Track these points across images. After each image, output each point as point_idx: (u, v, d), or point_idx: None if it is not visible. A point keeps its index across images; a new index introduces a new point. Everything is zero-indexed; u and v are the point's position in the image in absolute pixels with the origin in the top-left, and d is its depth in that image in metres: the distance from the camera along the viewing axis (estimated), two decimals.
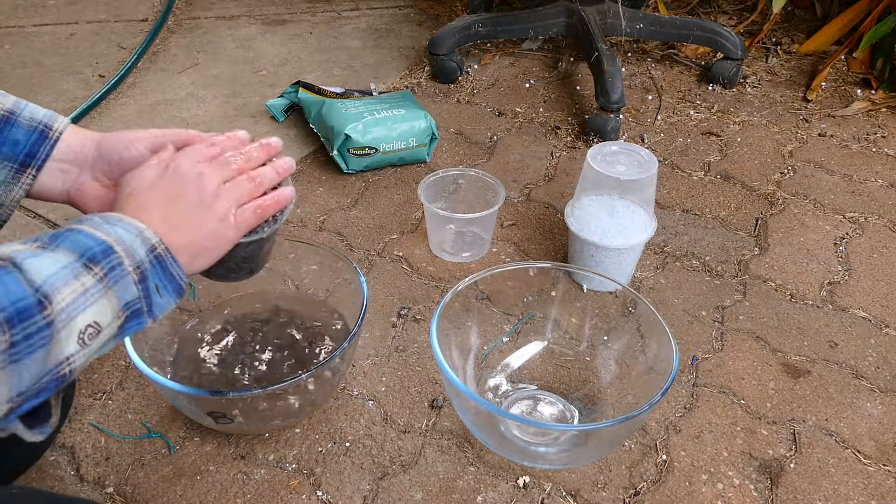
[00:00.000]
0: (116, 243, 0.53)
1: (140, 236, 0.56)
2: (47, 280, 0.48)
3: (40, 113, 0.64)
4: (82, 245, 0.52)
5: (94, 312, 0.51)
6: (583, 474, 0.83)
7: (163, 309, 0.57)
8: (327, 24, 1.88)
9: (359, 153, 1.27)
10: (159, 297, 0.57)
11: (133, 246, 0.54)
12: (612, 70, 1.37)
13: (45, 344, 0.47)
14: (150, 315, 0.56)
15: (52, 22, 1.82)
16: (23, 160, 0.63)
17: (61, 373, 0.50)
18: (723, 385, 0.94)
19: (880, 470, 0.84)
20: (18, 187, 0.64)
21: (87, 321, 0.50)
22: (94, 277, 0.51)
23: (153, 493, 0.80)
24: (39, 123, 0.64)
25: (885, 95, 1.57)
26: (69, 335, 0.49)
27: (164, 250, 0.57)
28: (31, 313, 0.46)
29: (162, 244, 0.57)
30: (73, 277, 0.50)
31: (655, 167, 1.01)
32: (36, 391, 0.48)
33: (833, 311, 1.06)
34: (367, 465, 0.84)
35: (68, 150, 0.65)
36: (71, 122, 0.67)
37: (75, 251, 0.51)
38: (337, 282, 0.93)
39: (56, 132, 0.64)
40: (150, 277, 0.56)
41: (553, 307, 0.95)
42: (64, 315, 0.49)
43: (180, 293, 0.59)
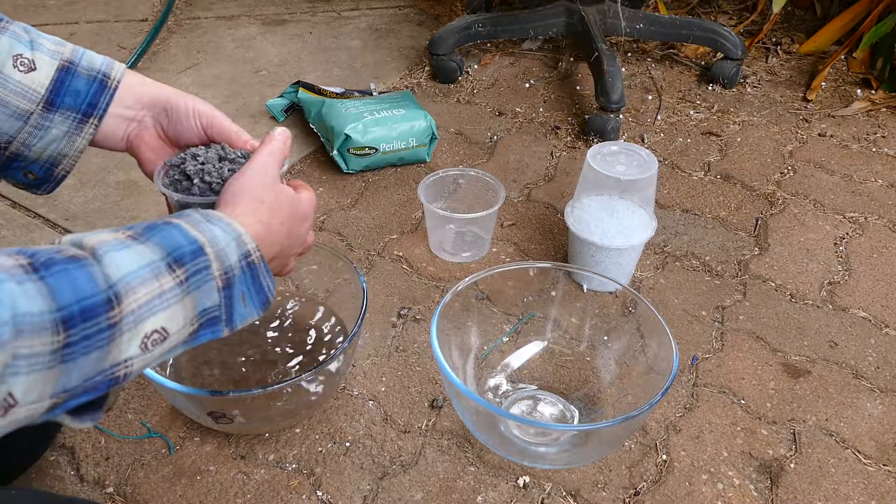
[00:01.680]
0: (209, 244, 0.52)
1: (237, 240, 0.54)
2: (124, 277, 0.47)
3: (98, 60, 0.64)
4: (173, 242, 0.50)
5: (165, 317, 0.49)
6: (583, 474, 0.83)
7: (244, 319, 0.56)
8: (327, 24, 1.87)
9: (359, 153, 1.27)
10: (243, 307, 0.55)
11: (227, 249, 0.53)
12: (612, 70, 1.37)
13: (104, 346, 0.46)
14: (228, 324, 0.54)
15: (52, 22, 1.82)
16: (85, 110, 0.63)
17: (115, 374, 0.47)
18: (723, 385, 0.94)
19: (880, 470, 0.84)
20: (82, 137, 0.64)
21: (155, 326, 0.48)
22: (174, 280, 0.49)
23: (153, 493, 0.80)
24: (98, 72, 0.64)
25: (885, 95, 1.57)
26: (132, 338, 0.47)
27: (259, 258, 0.56)
28: (97, 313, 0.45)
29: (258, 251, 0.56)
30: (152, 277, 0.48)
31: (655, 167, 1.01)
32: (84, 389, 0.46)
33: (833, 311, 1.06)
34: (367, 465, 0.84)
35: (138, 99, 0.65)
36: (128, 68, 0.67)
37: (164, 247, 0.50)
38: (337, 282, 0.93)
39: (115, 80, 0.64)
40: (238, 284, 0.54)
41: (553, 307, 0.95)
42: (132, 317, 0.47)
43: (266, 305, 0.57)
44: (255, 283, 0.56)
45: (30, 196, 1.23)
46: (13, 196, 1.23)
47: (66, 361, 0.44)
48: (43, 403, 0.44)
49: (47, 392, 0.44)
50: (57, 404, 0.45)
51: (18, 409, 0.42)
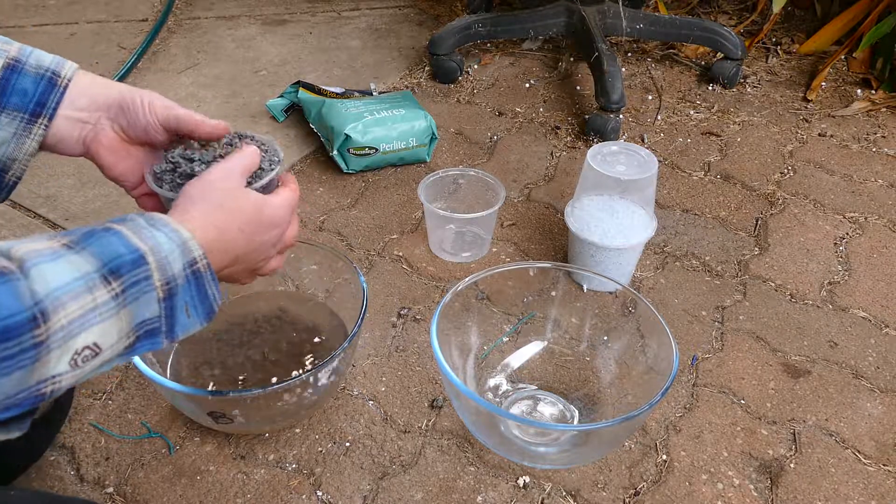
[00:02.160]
0: (151, 252, 0.49)
1: (182, 247, 0.52)
2: (53, 292, 0.44)
3: (47, 59, 0.61)
4: (111, 251, 0.48)
5: (97, 332, 0.46)
6: (583, 474, 0.83)
7: (186, 330, 0.53)
8: (327, 24, 1.88)
9: (359, 153, 1.27)
10: (186, 317, 0.53)
11: (170, 258, 0.51)
12: (612, 70, 1.37)
13: (27, 365, 0.43)
14: (168, 335, 0.52)
15: (52, 22, 1.82)
16: (33, 110, 0.60)
17: (42, 391, 0.45)
18: (723, 385, 0.94)
19: (880, 470, 0.84)
20: (31, 139, 0.61)
21: (87, 342, 0.46)
22: (109, 293, 0.47)
23: (153, 493, 0.80)
24: (47, 70, 0.61)
25: (885, 95, 1.57)
26: (62, 355, 0.45)
27: (205, 266, 0.53)
28: (20, 332, 0.42)
29: (204, 259, 0.53)
30: (85, 290, 0.45)
31: (655, 167, 1.01)
32: (5, 406, 0.44)
33: (833, 311, 1.06)
34: (367, 465, 0.84)
35: (91, 99, 0.62)
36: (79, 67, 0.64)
37: (101, 257, 0.47)
38: (337, 282, 0.93)
39: (65, 79, 0.61)
40: (181, 294, 0.52)
41: (553, 307, 0.95)
42: (61, 334, 0.44)
43: (210, 315, 0.55)
44: (200, 293, 0.53)
45: (30, 196, 1.23)
46: (13, 196, 1.23)
47: None
48: None
49: None
50: None
51: None
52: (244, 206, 0.59)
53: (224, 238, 0.57)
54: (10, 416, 0.45)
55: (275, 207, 0.62)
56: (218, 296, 0.55)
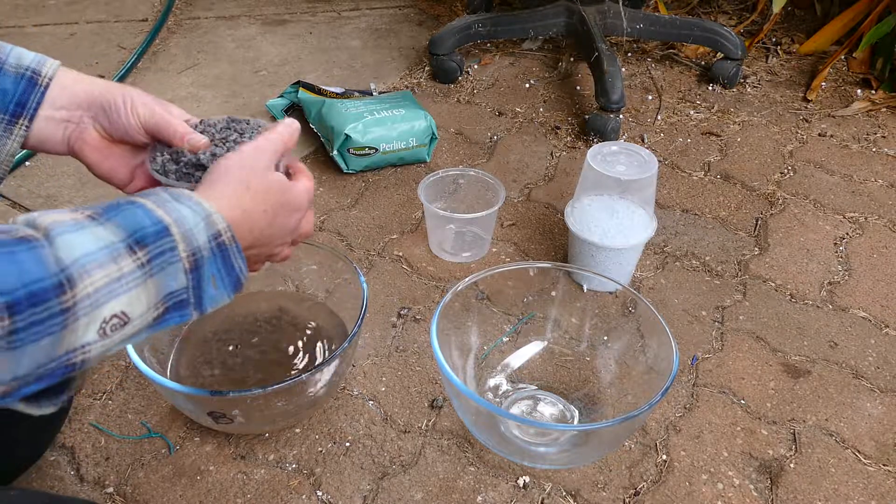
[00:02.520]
0: (175, 224, 0.49)
1: (206, 220, 0.51)
2: (78, 260, 0.44)
3: (28, 57, 0.60)
4: (135, 223, 0.48)
5: (125, 301, 0.46)
6: (583, 474, 0.83)
7: (214, 302, 0.53)
8: (327, 24, 1.88)
9: (359, 153, 1.27)
10: (213, 289, 0.52)
11: (194, 230, 0.50)
12: (612, 70, 1.37)
13: (57, 331, 0.43)
14: (197, 307, 0.52)
15: (52, 22, 1.82)
16: (13, 110, 0.59)
17: (72, 361, 0.45)
18: (723, 385, 0.94)
19: (880, 470, 0.84)
20: (12, 140, 0.60)
21: (114, 310, 0.46)
22: (135, 262, 0.47)
23: (153, 493, 0.80)
24: (27, 69, 0.60)
25: (885, 95, 1.57)
26: (89, 323, 0.45)
27: (230, 238, 0.53)
28: (46, 297, 0.42)
29: (229, 231, 0.53)
30: (110, 260, 0.45)
31: (655, 167, 1.01)
32: (37, 377, 0.44)
33: (833, 311, 1.06)
34: (367, 465, 0.84)
35: (72, 97, 0.61)
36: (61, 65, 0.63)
37: (126, 228, 0.47)
38: (337, 282, 0.93)
39: (45, 78, 0.60)
40: (207, 266, 0.51)
41: (553, 307, 0.95)
42: (88, 301, 0.44)
43: (237, 287, 0.55)
44: (227, 265, 0.53)
45: (30, 196, 1.23)
46: (13, 196, 1.23)
47: (13, 349, 0.42)
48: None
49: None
50: (7, 392, 0.43)
51: None
52: (271, 188, 0.58)
53: (249, 218, 0.57)
54: (42, 387, 0.45)
55: (298, 192, 0.62)
56: (244, 268, 0.55)
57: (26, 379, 0.44)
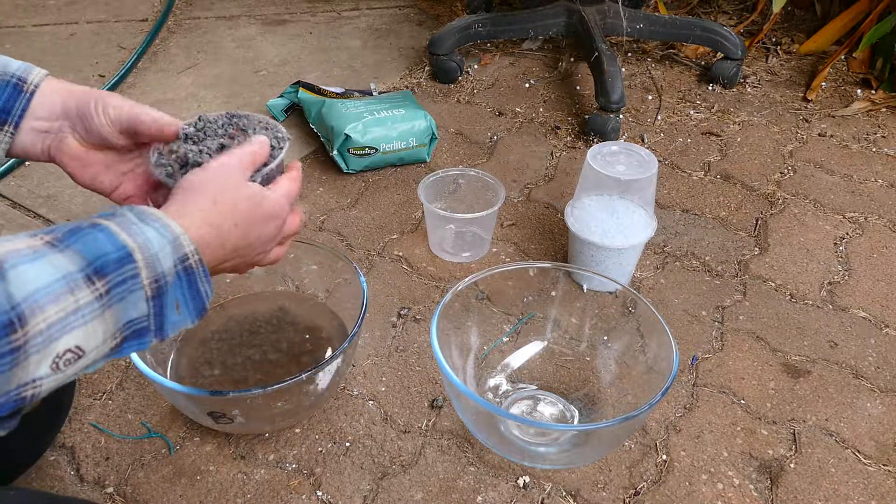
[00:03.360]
0: (139, 249, 0.48)
1: (173, 243, 0.50)
2: (31, 295, 0.42)
3: (14, 65, 0.60)
4: (97, 249, 0.46)
5: (80, 336, 0.45)
6: (583, 474, 0.83)
7: (176, 327, 0.52)
8: (327, 24, 1.88)
9: (359, 153, 1.27)
10: (176, 314, 0.51)
11: (160, 254, 0.49)
12: (612, 70, 1.37)
13: (6, 370, 0.42)
14: (158, 334, 0.51)
15: (52, 22, 1.82)
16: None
17: (21, 395, 0.44)
18: (723, 385, 0.94)
19: (880, 470, 0.84)
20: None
21: (68, 345, 0.44)
22: (92, 294, 0.45)
23: (153, 493, 0.80)
24: (13, 77, 0.59)
25: (885, 95, 1.57)
26: (42, 359, 0.43)
27: (198, 261, 0.52)
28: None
29: (196, 255, 0.52)
30: (66, 291, 0.44)
31: (655, 167, 1.01)
32: None
33: (833, 311, 1.06)
34: (367, 465, 0.84)
35: (48, 109, 0.61)
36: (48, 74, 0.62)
37: (85, 256, 0.46)
38: (337, 282, 0.93)
39: (31, 85, 0.60)
40: (171, 291, 0.50)
41: (553, 307, 0.95)
42: (40, 339, 0.43)
43: (201, 313, 0.54)
44: (192, 289, 0.52)
45: (30, 196, 1.23)
46: (13, 196, 1.23)
47: None
48: None
49: None
50: None
51: None
52: (239, 202, 0.57)
53: (219, 234, 0.55)
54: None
55: (272, 201, 0.60)
56: (210, 293, 0.54)
57: None
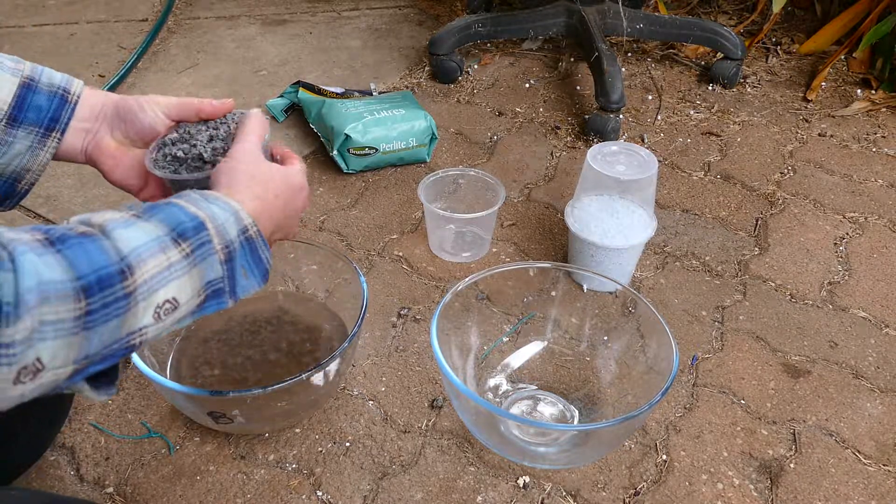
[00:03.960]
0: (209, 220, 0.54)
1: (235, 216, 0.56)
2: (134, 250, 0.49)
3: (57, 77, 0.66)
4: (175, 219, 0.53)
5: (175, 288, 0.51)
6: (583, 474, 0.83)
7: (246, 290, 0.58)
8: (327, 24, 1.88)
9: (359, 153, 1.27)
10: (244, 279, 0.57)
11: (226, 225, 0.55)
12: (612, 70, 1.37)
13: (122, 314, 0.48)
14: (232, 295, 0.57)
15: (52, 22, 1.82)
16: (48, 125, 0.65)
17: (131, 342, 0.50)
18: (723, 385, 0.94)
19: (880, 470, 0.84)
20: (45, 151, 0.66)
21: (167, 296, 0.51)
22: (180, 253, 0.52)
23: (153, 493, 0.80)
24: (59, 88, 0.65)
25: (885, 95, 1.57)
26: (147, 307, 0.50)
27: (256, 233, 0.58)
28: (112, 282, 0.47)
29: (255, 226, 0.58)
30: (159, 250, 0.50)
31: (655, 167, 1.01)
32: (102, 356, 0.48)
33: (833, 311, 1.06)
34: (367, 465, 0.84)
35: (90, 111, 0.67)
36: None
37: (168, 224, 0.52)
38: (337, 282, 0.93)
39: (75, 95, 0.66)
40: (238, 258, 0.57)
41: (553, 307, 0.95)
42: (145, 287, 0.49)
43: (265, 277, 0.60)
44: (255, 257, 0.58)
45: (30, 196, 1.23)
46: None
47: (87, 328, 0.46)
48: (66, 369, 0.46)
49: (71, 358, 0.46)
50: (78, 370, 0.47)
51: (45, 373, 0.45)
52: (274, 176, 0.64)
53: (266, 206, 0.61)
54: (105, 366, 0.50)
55: (296, 173, 0.67)
56: (270, 258, 0.60)
57: (94, 358, 0.48)
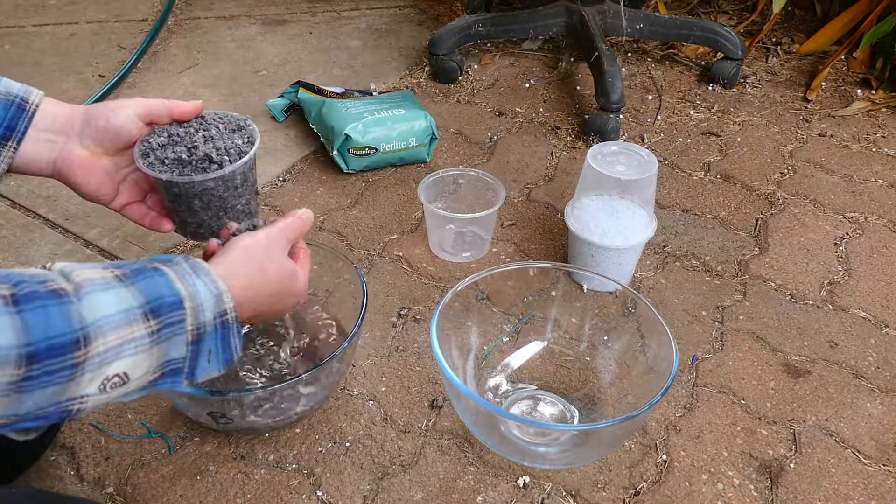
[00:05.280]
0: (189, 298, 0.54)
1: (217, 298, 0.56)
2: (98, 321, 0.48)
3: (15, 87, 0.64)
4: (156, 291, 0.52)
5: (129, 363, 0.50)
6: (583, 474, 0.83)
7: (205, 374, 0.57)
8: (327, 24, 1.88)
9: (359, 153, 1.27)
10: (207, 362, 0.57)
11: (204, 305, 0.55)
12: (612, 70, 1.37)
13: (64, 382, 0.47)
14: (189, 377, 0.56)
15: (52, 22, 1.82)
16: (3, 133, 0.63)
17: (70, 408, 0.49)
18: (723, 385, 0.94)
19: (880, 470, 0.84)
20: (0, 161, 0.64)
21: (118, 370, 0.50)
22: (146, 329, 0.51)
23: (153, 493, 0.80)
24: (15, 97, 0.64)
25: (885, 95, 1.57)
26: (94, 378, 0.48)
27: (234, 318, 0.57)
28: (63, 351, 0.46)
29: (234, 312, 0.57)
30: (125, 323, 0.49)
31: (655, 167, 1.01)
32: (35, 416, 0.48)
33: (833, 311, 1.06)
34: (367, 465, 0.84)
35: (54, 121, 0.65)
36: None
37: (147, 294, 0.51)
38: (337, 282, 0.93)
39: (33, 104, 0.64)
40: (207, 340, 0.56)
41: (553, 307, 0.95)
42: (97, 359, 0.48)
43: (229, 364, 0.59)
44: (224, 342, 0.57)
45: (30, 196, 1.23)
46: (13, 196, 1.23)
47: (21, 392, 0.45)
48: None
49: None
50: (3, 425, 0.47)
51: None
52: (283, 276, 0.64)
53: (255, 298, 0.61)
54: (36, 425, 0.49)
55: (301, 280, 0.67)
56: (239, 347, 0.59)
57: (24, 417, 0.47)
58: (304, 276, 0.68)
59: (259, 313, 0.63)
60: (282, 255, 0.65)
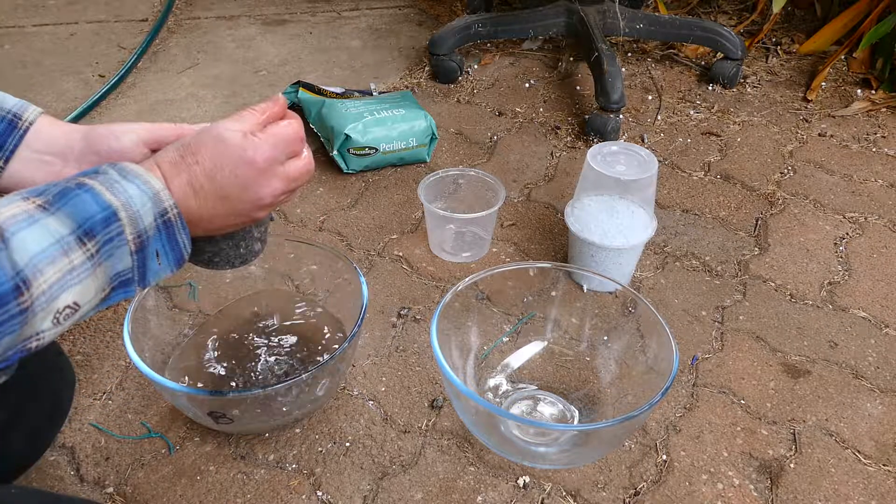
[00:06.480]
0: (123, 208, 0.50)
1: (153, 199, 0.52)
2: (31, 260, 0.46)
3: (10, 102, 0.62)
4: (84, 212, 0.49)
5: (76, 292, 0.49)
6: (583, 474, 0.83)
7: (157, 275, 0.55)
8: (327, 24, 1.88)
9: (359, 153, 1.27)
10: (157, 264, 0.54)
11: (141, 211, 0.52)
12: (612, 70, 1.37)
13: (17, 330, 0.46)
14: (141, 283, 0.54)
15: (52, 22, 1.82)
16: None
17: (28, 346, 0.48)
18: (723, 385, 0.94)
19: (880, 470, 0.84)
20: None
21: (67, 301, 0.48)
22: (84, 254, 0.49)
23: (153, 493, 0.80)
24: (8, 112, 0.62)
25: (885, 95, 1.57)
26: (45, 316, 0.47)
27: (176, 215, 0.54)
28: (6, 300, 0.44)
29: (175, 209, 0.54)
30: (61, 254, 0.47)
31: (655, 167, 1.01)
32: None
33: (833, 311, 1.06)
34: (367, 465, 0.84)
35: (52, 142, 0.63)
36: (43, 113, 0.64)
37: (75, 218, 0.49)
38: (337, 282, 0.93)
39: (25, 122, 0.62)
40: (153, 243, 0.53)
41: (553, 307, 0.95)
42: (43, 298, 0.47)
43: (180, 262, 0.56)
44: (171, 241, 0.55)
45: None
46: None
47: None
48: None
49: None
50: None
51: None
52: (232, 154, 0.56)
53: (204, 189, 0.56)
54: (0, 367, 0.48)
55: (255, 147, 0.57)
56: (188, 244, 0.56)
57: None
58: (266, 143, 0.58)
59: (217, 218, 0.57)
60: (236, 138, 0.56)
